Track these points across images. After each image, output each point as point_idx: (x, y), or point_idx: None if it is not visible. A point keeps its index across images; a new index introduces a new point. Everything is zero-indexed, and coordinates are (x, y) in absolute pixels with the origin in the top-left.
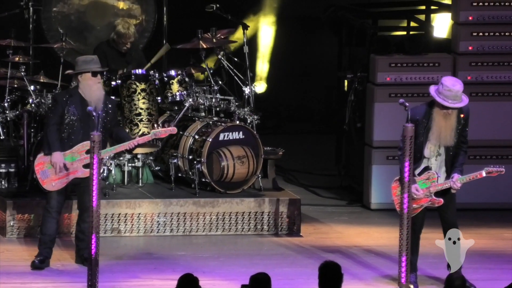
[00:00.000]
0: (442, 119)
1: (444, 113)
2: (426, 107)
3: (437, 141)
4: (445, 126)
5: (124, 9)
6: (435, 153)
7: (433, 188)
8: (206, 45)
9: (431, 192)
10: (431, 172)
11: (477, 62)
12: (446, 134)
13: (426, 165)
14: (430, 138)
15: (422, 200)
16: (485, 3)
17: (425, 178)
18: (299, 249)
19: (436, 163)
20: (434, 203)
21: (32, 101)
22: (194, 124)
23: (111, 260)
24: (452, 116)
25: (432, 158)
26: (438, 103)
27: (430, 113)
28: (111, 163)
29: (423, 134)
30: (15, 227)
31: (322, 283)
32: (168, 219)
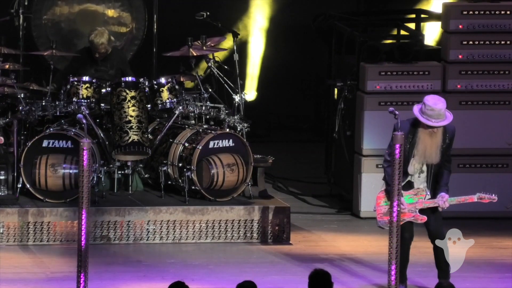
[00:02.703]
0: (427, 137)
1: (429, 131)
2: (411, 123)
3: (422, 159)
4: (430, 144)
5: (114, 17)
6: (418, 170)
7: (420, 205)
8: (196, 53)
9: (416, 208)
10: (420, 189)
11: (467, 70)
12: (432, 152)
13: (409, 180)
14: (414, 155)
15: (405, 215)
16: (475, 12)
17: (413, 194)
18: (288, 257)
19: (419, 180)
20: (417, 219)
21: (22, 108)
22: (184, 132)
23: (101, 268)
24: (437, 134)
25: (415, 174)
26: (422, 123)
27: (415, 130)
28: (101, 170)
29: (407, 150)
30: (4, 235)
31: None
32: (157, 226)
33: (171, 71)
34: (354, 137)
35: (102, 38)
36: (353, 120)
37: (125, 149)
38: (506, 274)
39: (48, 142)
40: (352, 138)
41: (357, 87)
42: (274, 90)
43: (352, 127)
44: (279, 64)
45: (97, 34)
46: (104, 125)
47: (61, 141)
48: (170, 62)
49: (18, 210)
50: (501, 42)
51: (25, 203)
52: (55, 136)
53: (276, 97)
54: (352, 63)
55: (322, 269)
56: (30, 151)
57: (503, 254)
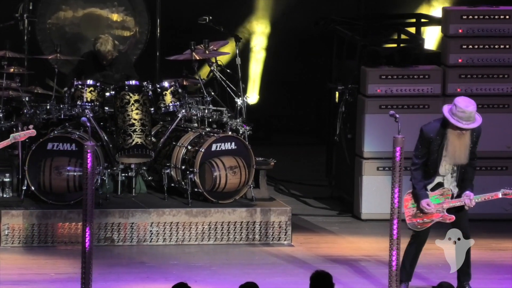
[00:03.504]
0: (456, 139)
1: (458, 133)
2: (439, 125)
3: (452, 160)
4: (459, 146)
5: (118, 21)
6: (449, 170)
7: (447, 204)
8: (199, 57)
9: (443, 208)
10: (446, 189)
11: (466, 74)
12: (461, 153)
13: (440, 181)
14: (444, 156)
15: (433, 215)
16: (474, 16)
17: (439, 194)
18: (290, 259)
19: (449, 180)
20: (445, 219)
21: (26, 111)
22: (187, 135)
23: (104, 269)
24: (466, 136)
25: (447, 175)
26: (452, 124)
27: (444, 131)
28: (105, 173)
29: (437, 151)
30: (9, 236)
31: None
32: (161, 228)
33: (174, 74)
34: (355, 140)
35: (108, 46)
36: (354, 123)
37: (129, 151)
38: (505, 275)
39: (52, 145)
40: (353, 141)
41: (358, 90)
42: (275, 94)
43: (353, 130)
44: (281, 67)
45: (102, 43)
46: (108, 128)
47: (66, 144)
48: (173, 66)
49: (23, 212)
50: (500, 46)
51: (30, 205)
52: (60, 139)
53: (277, 101)
54: (353, 67)
55: (324, 270)
56: (34, 154)
57: (502, 255)
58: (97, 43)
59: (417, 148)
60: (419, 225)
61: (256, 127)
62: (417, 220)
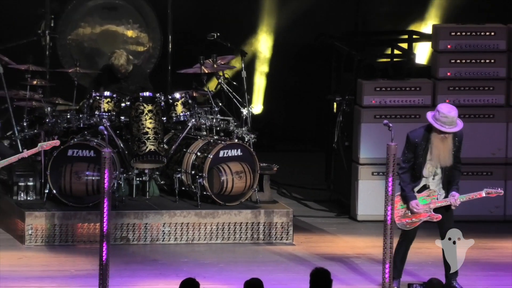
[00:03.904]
0: (440, 143)
1: (441, 137)
2: (423, 131)
3: (436, 163)
4: (443, 149)
5: (133, 37)
6: (432, 173)
7: (433, 204)
8: (208, 70)
9: (430, 208)
10: (431, 190)
11: (455, 86)
12: (445, 155)
13: (425, 184)
14: (429, 160)
15: (421, 215)
16: (462, 33)
17: (426, 195)
18: (291, 257)
19: (434, 182)
20: (432, 218)
21: (48, 121)
22: (196, 142)
23: (120, 266)
24: (448, 139)
25: (430, 177)
26: (436, 128)
27: (428, 136)
28: (121, 177)
29: (422, 155)
30: (33, 236)
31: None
32: (172, 228)
33: (185, 86)
34: (352, 147)
35: (121, 60)
36: (351, 131)
37: (143, 158)
38: (490, 272)
39: (72, 152)
40: (350, 148)
41: (355, 101)
42: (278, 104)
43: (350, 138)
44: (284, 80)
45: (116, 57)
46: (123, 136)
47: (85, 151)
48: (183, 79)
49: (46, 214)
50: (486, 61)
51: (52, 207)
52: (79, 146)
53: (280, 111)
54: (350, 79)
55: (322, 267)
56: (56, 160)
57: (488, 254)
58: (111, 57)
59: (404, 153)
60: (408, 224)
61: (260, 135)
62: (406, 220)
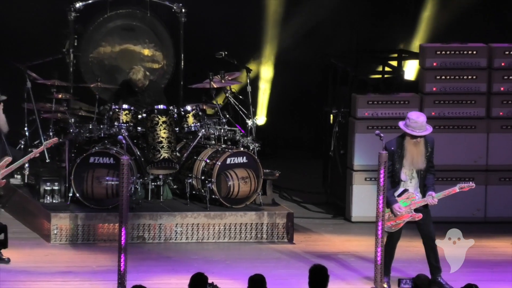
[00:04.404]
0: (413, 147)
1: (414, 142)
2: (397, 139)
3: (411, 166)
4: (416, 152)
5: (149, 55)
6: (410, 176)
7: (413, 205)
8: (216, 85)
9: (411, 209)
10: (410, 193)
11: (440, 100)
12: (418, 159)
13: (404, 188)
14: (404, 164)
15: (404, 216)
16: (447, 52)
17: (405, 198)
18: (292, 254)
19: (412, 185)
20: (414, 217)
21: (72, 131)
22: (206, 150)
23: (137, 262)
24: (420, 144)
25: (407, 181)
26: (408, 134)
27: (402, 143)
28: (137, 182)
29: (398, 162)
30: (57, 235)
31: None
32: (184, 228)
33: (195, 100)
34: (347, 155)
35: (139, 75)
36: (346, 141)
37: (158, 164)
38: (472, 268)
39: (94, 159)
40: (345, 156)
41: (349, 113)
42: (280, 116)
43: (345, 146)
44: (285, 94)
45: (134, 72)
46: (140, 144)
47: (105, 158)
48: (194, 93)
49: (69, 215)
50: (469, 77)
51: (75, 209)
52: (100, 154)
53: (282, 122)
54: (345, 93)
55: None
56: (79, 166)
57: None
58: (130, 72)
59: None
60: (393, 226)
61: (263, 144)
62: (391, 223)
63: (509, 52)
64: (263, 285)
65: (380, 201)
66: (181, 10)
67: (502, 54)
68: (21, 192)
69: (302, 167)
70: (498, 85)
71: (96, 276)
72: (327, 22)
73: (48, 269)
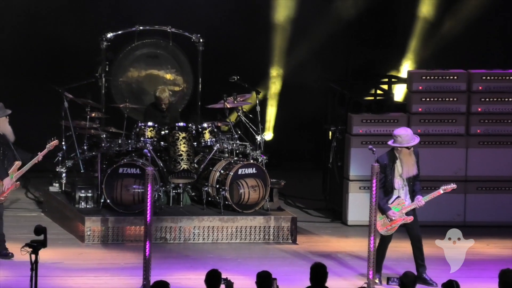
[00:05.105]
0: (408, 157)
1: (408, 152)
2: (389, 154)
3: (406, 174)
4: (411, 162)
5: (171, 79)
6: (402, 185)
7: (404, 210)
8: (229, 106)
9: (403, 213)
10: (400, 199)
11: (425, 119)
12: (412, 167)
13: (397, 196)
14: (397, 175)
15: (397, 221)
16: (431, 77)
17: (396, 204)
18: (295, 254)
19: (403, 192)
20: (406, 220)
21: (104, 145)
22: (220, 162)
23: (160, 260)
24: (411, 153)
25: (400, 189)
26: (403, 147)
27: (393, 157)
28: (160, 190)
29: (390, 173)
30: (91, 236)
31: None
32: (201, 230)
33: (211, 118)
34: (343, 166)
35: (165, 93)
36: (342, 154)
37: (178, 174)
38: None
39: (122, 170)
40: (342, 167)
41: (346, 130)
42: (285, 132)
43: (342, 159)
44: (290, 113)
45: (161, 91)
46: (163, 157)
47: (132, 169)
48: (210, 112)
49: (101, 218)
50: (450, 99)
51: (106, 213)
52: (128, 165)
53: (287, 138)
54: (342, 113)
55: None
56: (109, 176)
57: None
58: (157, 91)
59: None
60: (389, 230)
61: (270, 157)
62: (387, 227)
63: (485, 77)
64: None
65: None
66: (199, 40)
67: (480, 79)
68: (59, 199)
69: (304, 177)
70: (476, 106)
71: (124, 272)
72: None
73: (82, 266)
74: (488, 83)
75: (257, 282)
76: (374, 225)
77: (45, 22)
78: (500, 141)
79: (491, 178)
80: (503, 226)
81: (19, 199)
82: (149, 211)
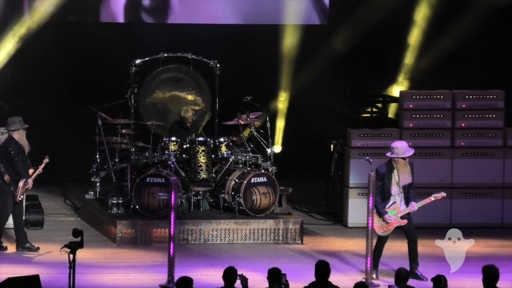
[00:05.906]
0: (404, 167)
1: (404, 162)
2: (387, 164)
3: (403, 182)
4: (406, 171)
5: (192, 100)
6: (398, 192)
7: (399, 214)
8: (243, 122)
9: (398, 217)
10: (396, 204)
11: (415, 133)
12: (408, 175)
13: (394, 201)
14: (395, 182)
15: (393, 223)
16: (420, 96)
17: (392, 209)
18: (302, 252)
19: (399, 198)
20: (401, 223)
21: (133, 157)
22: (235, 172)
23: (182, 259)
24: (407, 163)
25: (396, 195)
26: (400, 158)
27: (391, 167)
28: (183, 197)
29: (388, 181)
30: (122, 238)
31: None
32: (218, 232)
33: (227, 134)
34: (344, 175)
35: (189, 113)
36: (343, 165)
37: (198, 183)
38: (440, 263)
39: (149, 179)
40: (342, 176)
41: (345, 144)
42: (292, 146)
43: (342, 169)
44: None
45: (185, 111)
46: (185, 168)
47: (158, 178)
48: (226, 128)
49: (131, 222)
50: (437, 116)
51: (135, 218)
52: (154, 175)
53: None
54: (342, 128)
55: (324, 260)
56: (138, 185)
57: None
58: (181, 111)
59: (376, 183)
60: (385, 232)
61: (279, 167)
62: (384, 229)
63: (468, 96)
64: (279, 275)
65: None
66: (216, 65)
67: (463, 98)
68: (94, 205)
69: (309, 185)
70: (460, 122)
71: (151, 269)
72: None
73: (114, 264)
74: (471, 102)
75: (268, 277)
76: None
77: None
78: (481, 153)
79: (474, 185)
80: (485, 227)
81: (59, 206)
82: (173, 216)
